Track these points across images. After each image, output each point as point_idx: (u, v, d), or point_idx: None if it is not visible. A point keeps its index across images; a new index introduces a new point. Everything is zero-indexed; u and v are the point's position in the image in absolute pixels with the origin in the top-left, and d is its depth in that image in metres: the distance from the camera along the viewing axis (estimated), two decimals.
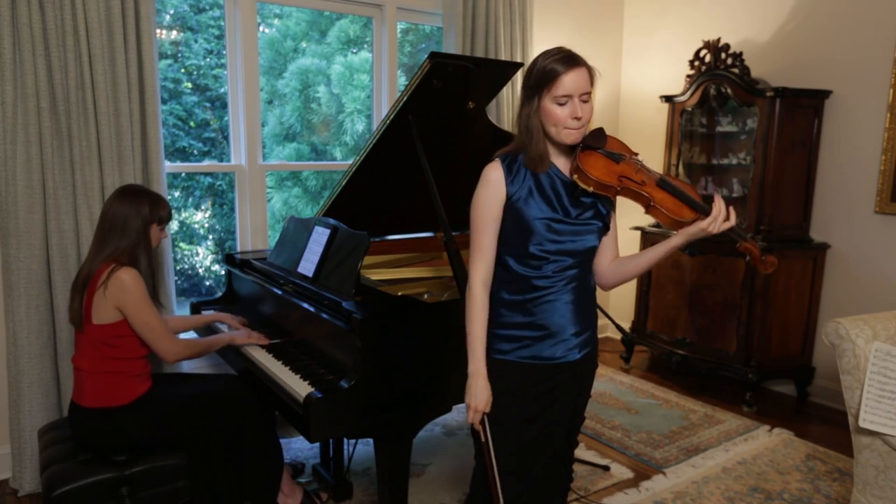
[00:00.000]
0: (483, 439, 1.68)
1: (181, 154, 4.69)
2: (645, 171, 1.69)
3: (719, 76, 3.86)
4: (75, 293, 2.21)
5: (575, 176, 1.63)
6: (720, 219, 1.61)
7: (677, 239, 1.66)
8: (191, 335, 2.83)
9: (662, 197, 1.65)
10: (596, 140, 1.65)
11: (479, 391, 1.66)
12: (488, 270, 1.69)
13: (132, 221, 2.21)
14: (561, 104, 1.58)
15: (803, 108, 3.69)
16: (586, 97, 1.60)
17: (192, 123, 4.78)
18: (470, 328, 1.68)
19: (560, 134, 1.61)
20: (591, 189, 1.62)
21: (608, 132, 1.71)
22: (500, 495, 1.67)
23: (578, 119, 1.59)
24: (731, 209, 1.64)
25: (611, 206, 1.75)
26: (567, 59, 1.58)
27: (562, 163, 1.70)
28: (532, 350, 1.69)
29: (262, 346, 2.47)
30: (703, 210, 1.63)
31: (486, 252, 1.68)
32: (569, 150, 1.69)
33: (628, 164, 1.68)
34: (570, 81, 1.56)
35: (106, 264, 2.17)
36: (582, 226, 1.68)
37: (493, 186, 1.66)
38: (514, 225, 1.66)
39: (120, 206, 2.22)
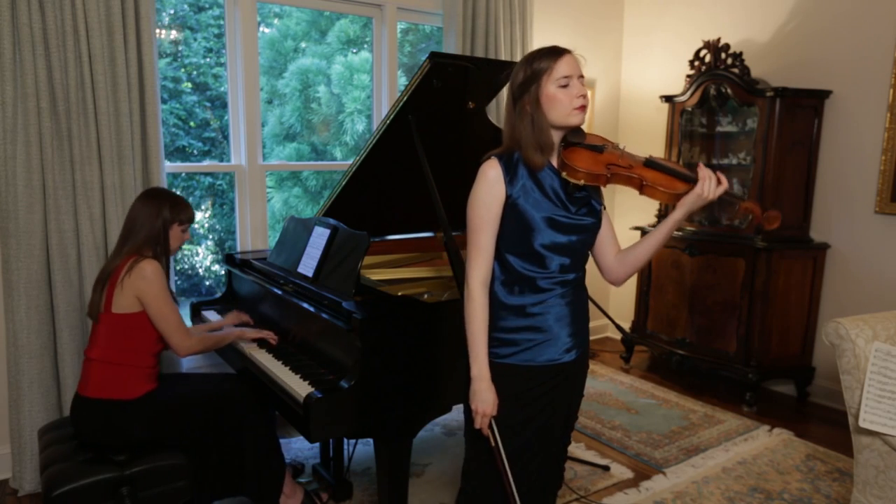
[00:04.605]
0: (493, 444, 1.66)
1: (181, 154, 4.69)
2: (629, 155, 1.71)
3: (719, 76, 3.86)
4: (97, 287, 2.27)
5: (564, 173, 1.64)
6: (712, 183, 1.62)
7: (677, 212, 1.65)
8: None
9: (653, 175, 1.67)
10: (575, 136, 1.68)
11: (485, 394, 1.64)
12: (487, 270, 1.67)
13: (152, 221, 2.29)
14: (563, 86, 1.60)
15: (803, 108, 3.69)
16: (583, 80, 1.65)
17: (192, 123, 4.78)
18: (470, 330, 1.66)
19: (569, 116, 1.62)
20: (581, 182, 1.63)
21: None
22: (517, 497, 1.66)
23: (583, 96, 1.62)
24: (721, 174, 1.64)
25: (601, 202, 1.76)
26: (552, 50, 1.63)
27: (554, 160, 1.70)
28: (530, 354, 1.69)
29: (261, 346, 2.47)
30: (695, 181, 1.65)
31: (485, 251, 1.66)
32: (556, 149, 1.71)
33: (611, 152, 1.70)
34: (567, 63, 1.61)
35: (128, 257, 2.24)
36: (581, 221, 1.69)
37: (492, 184, 1.64)
38: (516, 223, 1.65)
39: (142, 207, 2.31)
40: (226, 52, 3.35)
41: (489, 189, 1.64)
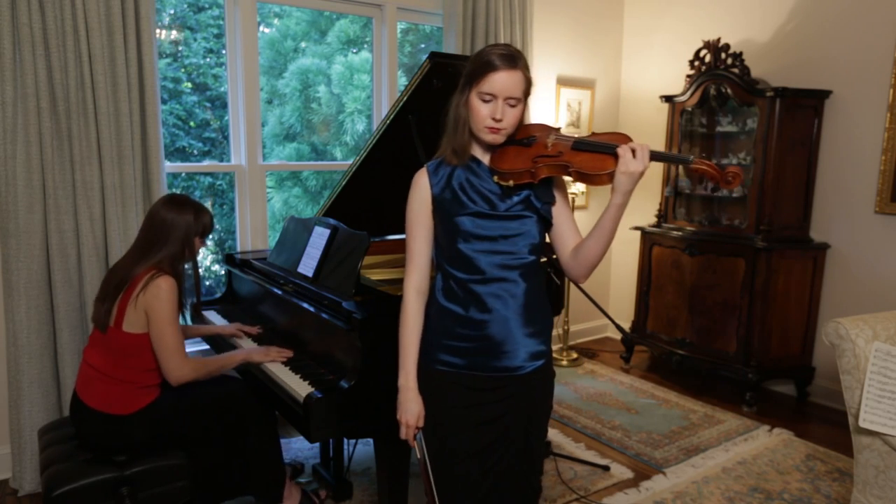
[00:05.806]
0: (419, 455, 1.63)
1: (181, 154, 4.68)
2: (562, 141, 1.60)
3: (719, 76, 3.86)
4: (106, 294, 2.19)
5: (495, 178, 1.60)
6: (632, 152, 1.47)
7: (615, 196, 1.51)
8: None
9: (581, 158, 1.55)
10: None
11: (409, 405, 1.63)
12: (420, 277, 1.67)
13: (177, 231, 2.23)
14: (485, 101, 1.55)
15: (803, 107, 3.69)
16: (513, 102, 1.56)
17: (192, 123, 4.78)
18: (400, 338, 1.66)
19: (480, 132, 1.59)
20: (511, 183, 1.58)
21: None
22: None
23: (497, 120, 1.55)
24: (642, 144, 1.49)
25: (550, 197, 1.65)
26: (505, 57, 1.53)
27: (489, 159, 1.66)
28: (476, 361, 1.63)
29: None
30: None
31: (417, 257, 1.67)
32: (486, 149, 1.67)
33: (541, 142, 1.61)
34: (499, 81, 1.52)
35: (147, 270, 2.17)
36: (512, 220, 1.61)
37: (419, 190, 1.66)
38: (442, 225, 1.63)
39: (167, 213, 2.24)
40: (226, 52, 3.35)
41: (417, 196, 1.66)
